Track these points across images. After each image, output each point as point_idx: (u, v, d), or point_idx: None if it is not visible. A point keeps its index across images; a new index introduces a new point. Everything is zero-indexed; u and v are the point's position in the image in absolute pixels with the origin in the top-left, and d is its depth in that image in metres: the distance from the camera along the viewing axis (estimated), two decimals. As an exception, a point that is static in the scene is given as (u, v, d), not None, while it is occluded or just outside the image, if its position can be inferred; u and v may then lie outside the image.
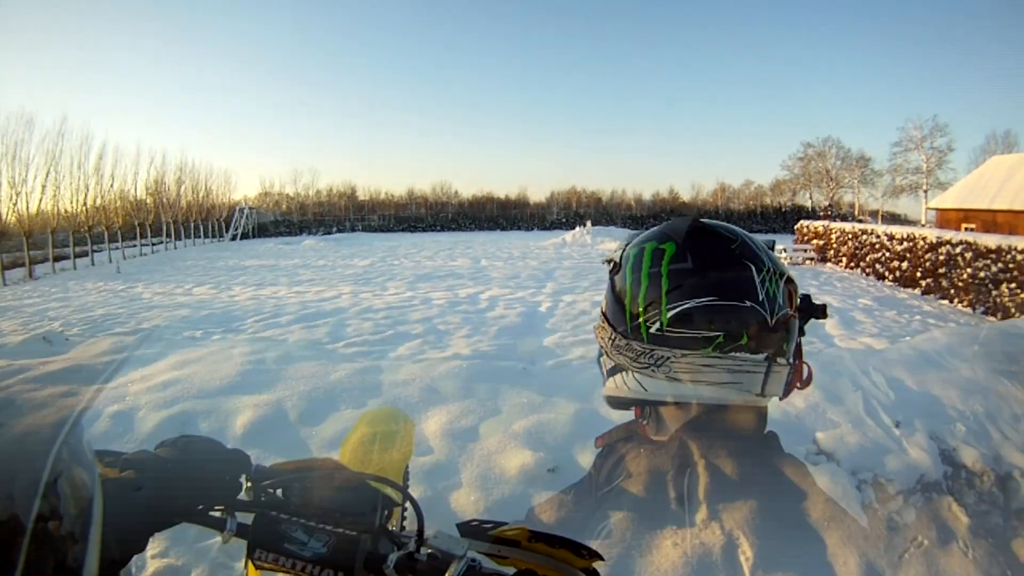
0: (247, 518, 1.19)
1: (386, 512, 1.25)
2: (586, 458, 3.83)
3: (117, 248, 32.31)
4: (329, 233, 51.01)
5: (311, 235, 51.17)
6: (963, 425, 5.25)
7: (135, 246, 34.27)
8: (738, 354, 1.26)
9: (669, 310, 1.24)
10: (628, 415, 1.94)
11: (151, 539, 1.15)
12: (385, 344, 9.73)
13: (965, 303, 17.88)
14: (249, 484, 1.25)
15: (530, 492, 3.50)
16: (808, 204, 67.60)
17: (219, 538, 2.89)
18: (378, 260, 29.59)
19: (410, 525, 1.43)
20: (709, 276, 1.21)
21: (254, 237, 46.74)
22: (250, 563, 1.45)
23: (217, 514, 1.19)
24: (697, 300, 1.22)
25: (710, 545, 3.22)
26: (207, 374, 4.16)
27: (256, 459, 3.07)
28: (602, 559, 1.17)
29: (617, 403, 1.51)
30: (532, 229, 64.02)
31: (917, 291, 20.57)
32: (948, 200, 38.66)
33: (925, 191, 58.87)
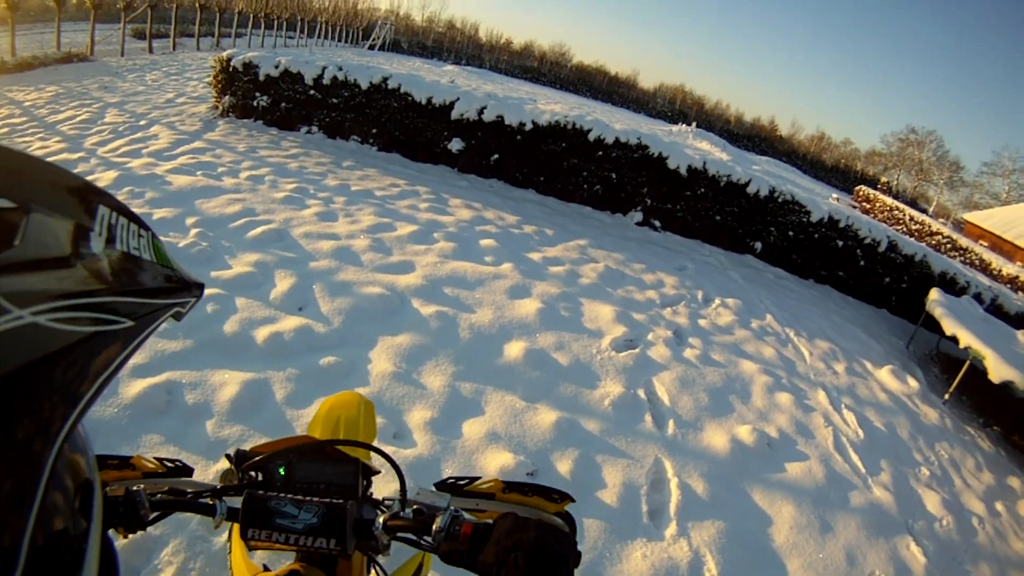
0: (233, 501, 1.21)
1: (366, 481, 1.30)
2: (565, 466, 3.89)
3: (270, 35, 31.97)
4: (459, 63, 50.27)
5: (445, 61, 50.81)
6: (927, 469, 5.38)
7: (277, 37, 33.04)
8: None
9: None
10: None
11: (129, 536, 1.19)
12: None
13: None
14: (230, 469, 1.29)
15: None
16: (894, 184, 67.87)
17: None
18: (524, 94, 30.04)
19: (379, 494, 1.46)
20: None
21: (389, 51, 45.67)
22: (236, 542, 1.50)
23: (206, 500, 1.21)
24: None
25: (677, 560, 3.39)
26: (197, 343, 4.15)
27: (240, 437, 3.11)
28: (573, 500, 1.25)
29: None
30: (639, 112, 64.22)
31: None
32: (981, 219, 42.47)
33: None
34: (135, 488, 1.11)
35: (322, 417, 1.84)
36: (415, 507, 1.12)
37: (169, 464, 1.37)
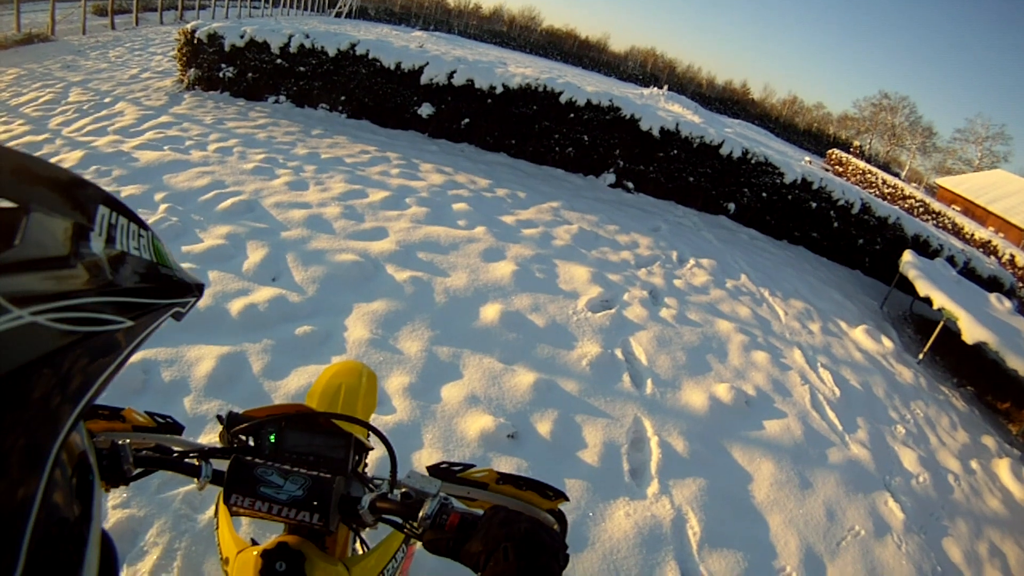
0: (221, 464, 1.19)
1: (357, 457, 1.27)
2: (545, 426, 3.89)
3: (235, 5, 29.13)
4: (427, 29, 49.48)
5: (413, 27, 49.58)
6: (903, 427, 5.42)
7: (242, 7, 31.13)
8: None
9: None
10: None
11: (111, 491, 1.16)
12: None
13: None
14: (222, 431, 1.26)
15: (490, 456, 3.54)
16: (867, 148, 68.25)
17: (181, 489, 2.88)
18: (494, 58, 29.45)
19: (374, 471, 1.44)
20: None
21: (355, 18, 44.95)
22: (221, 510, 1.47)
23: (192, 461, 1.18)
24: None
25: (660, 518, 3.38)
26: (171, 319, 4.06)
27: (219, 412, 3.09)
28: (567, 499, 1.23)
29: None
30: (610, 75, 64.20)
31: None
32: (954, 184, 43.65)
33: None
34: (121, 442, 1.10)
35: (322, 384, 1.81)
36: (404, 490, 1.10)
37: (160, 420, 1.35)
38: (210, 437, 3.15)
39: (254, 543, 1.36)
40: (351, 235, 5.83)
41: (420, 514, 1.00)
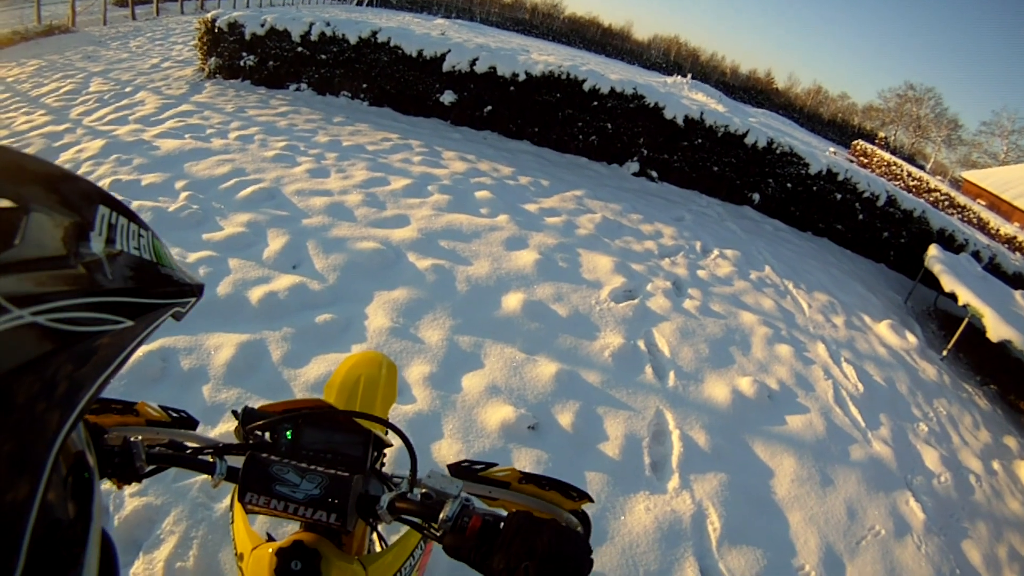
0: (235, 460, 1.18)
1: (376, 454, 1.24)
2: (566, 418, 3.86)
3: None
4: (449, 17, 50.24)
5: (435, 15, 50.29)
6: (926, 425, 5.34)
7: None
8: None
9: None
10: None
11: (124, 486, 1.15)
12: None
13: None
14: (238, 427, 1.24)
15: (510, 448, 3.51)
16: (891, 140, 67.60)
17: (198, 478, 2.84)
18: (516, 46, 29.50)
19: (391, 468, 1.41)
20: None
21: (376, 6, 45.16)
22: (236, 504, 1.45)
23: (206, 457, 1.17)
24: None
25: (680, 513, 3.34)
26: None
27: (237, 400, 3.05)
28: (591, 500, 1.19)
29: None
30: (633, 64, 64.51)
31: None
32: (979, 178, 42.38)
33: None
34: (133, 439, 1.09)
35: (342, 376, 1.78)
36: (424, 490, 1.08)
37: (174, 414, 1.34)
38: (228, 427, 3.15)
39: (270, 538, 1.34)
40: (372, 223, 5.82)
41: (440, 516, 0.98)
